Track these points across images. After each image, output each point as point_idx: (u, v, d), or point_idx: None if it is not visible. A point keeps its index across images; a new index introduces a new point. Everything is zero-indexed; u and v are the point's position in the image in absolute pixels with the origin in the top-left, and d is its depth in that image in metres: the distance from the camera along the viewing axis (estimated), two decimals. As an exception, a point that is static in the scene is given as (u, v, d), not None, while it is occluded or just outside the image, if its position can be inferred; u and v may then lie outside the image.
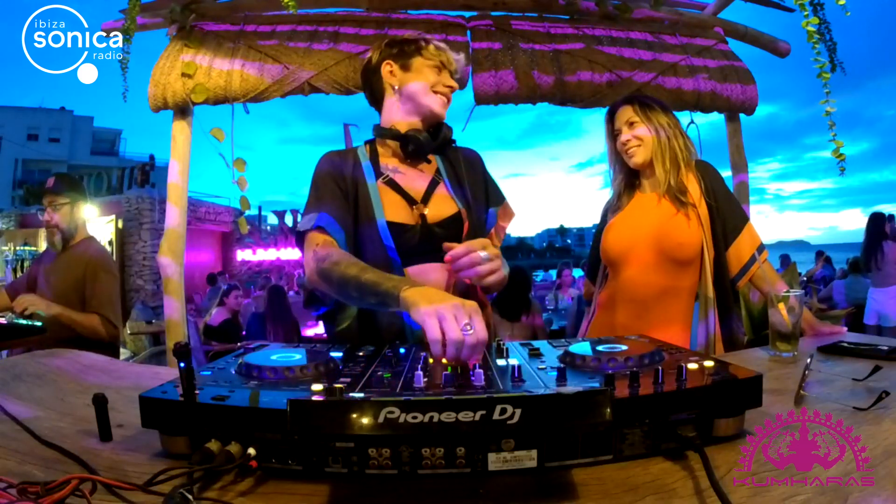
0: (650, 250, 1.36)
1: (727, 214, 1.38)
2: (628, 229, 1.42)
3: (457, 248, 0.95)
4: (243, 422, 0.57)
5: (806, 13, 1.80)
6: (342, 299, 1.02)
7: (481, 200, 1.23)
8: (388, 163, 1.20)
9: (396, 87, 1.19)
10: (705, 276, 1.35)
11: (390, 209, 1.13)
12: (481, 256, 0.93)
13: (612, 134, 1.48)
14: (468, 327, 0.69)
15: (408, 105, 1.19)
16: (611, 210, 1.51)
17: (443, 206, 1.15)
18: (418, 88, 1.17)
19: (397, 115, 1.20)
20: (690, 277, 1.36)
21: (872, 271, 4.65)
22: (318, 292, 1.10)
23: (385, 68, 1.20)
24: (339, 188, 1.14)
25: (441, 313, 0.70)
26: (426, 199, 1.15)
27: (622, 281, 1.41)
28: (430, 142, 1.17)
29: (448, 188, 1.18)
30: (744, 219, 1.41)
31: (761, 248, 1.38)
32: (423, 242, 1.10)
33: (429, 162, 1.23)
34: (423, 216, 1.13)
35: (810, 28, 1.79)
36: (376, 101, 1.25)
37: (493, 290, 1.08)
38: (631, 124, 1.41)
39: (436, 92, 1.18)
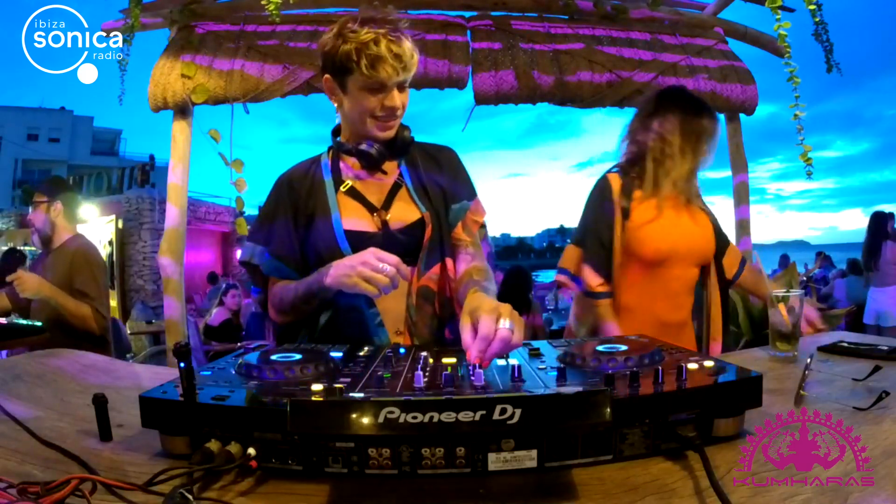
0: (688, 251, 1.43)
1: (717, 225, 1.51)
2: (669, 232, 1.40)
3: (474, 343, 0.67)
4: (243, 422, 0.57)
5: (778, 17, 1.81)
6: (302, 314, 1.09)
7: (452, 198, 1.14)
8: (349, 170, 1.14)
9: (337, 108, 1.10)
10: (710, 276, 1.46)
11: (350, 218, 1.08)
12: (508, 330, 0.68)
13: (687, 132, 1.37)
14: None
15: (352, 126, 1.10)
16: (632, 200, 1.42)
17: (405, 211, 1.10)
18: (355, 116, 1.06)
19: (347, 131, 1.13)
20: (697, 273, 1.47)
21: (872, 271, 4.64)
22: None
23: (325, 83, 1.08)
24: (291, 214, 1.10)
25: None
26: (387, 204, 1.11)
27: (660, 277, 1.41)
28: (383, 154, 1.09)
29: (411, 192, 1.12)
30: (726, 238, 1.54)
31: (744, 260, 1.53)
32: (387, 250, 0.97)
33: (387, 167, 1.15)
34: (384, 223, 1.09)
35: (782, 32, 1.80)
36: None
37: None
38: (708, 144, 1.41)
39: (376, 117, 1.05)
